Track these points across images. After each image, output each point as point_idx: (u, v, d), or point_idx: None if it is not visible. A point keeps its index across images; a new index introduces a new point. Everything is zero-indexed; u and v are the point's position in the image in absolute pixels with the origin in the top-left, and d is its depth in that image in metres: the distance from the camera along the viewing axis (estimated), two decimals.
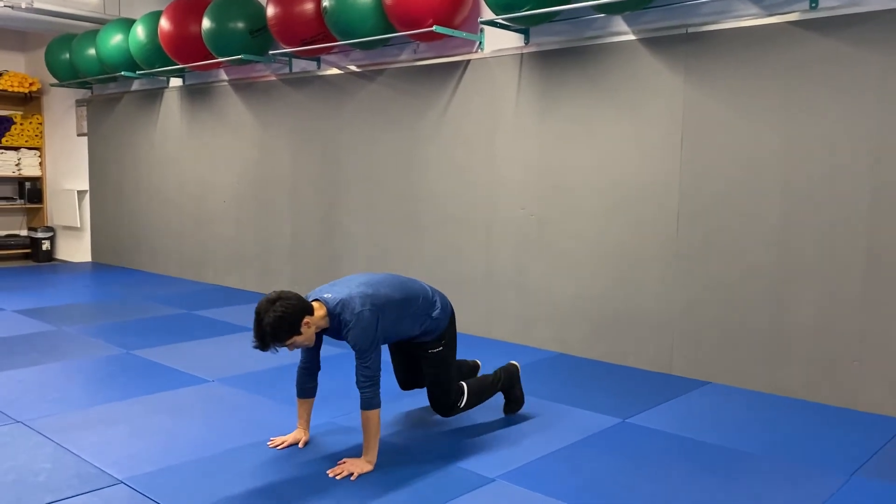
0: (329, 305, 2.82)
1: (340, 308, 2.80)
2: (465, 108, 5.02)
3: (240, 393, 3.75)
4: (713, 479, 2.77)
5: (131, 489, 2.62)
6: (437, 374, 3.13)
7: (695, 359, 4.11)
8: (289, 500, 2.54)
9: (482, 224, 4.98)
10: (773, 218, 3.80)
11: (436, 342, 3.10)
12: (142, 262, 7.96)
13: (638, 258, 4.29)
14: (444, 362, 3.13)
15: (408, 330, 3.02)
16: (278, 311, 2.64)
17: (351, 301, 2.81)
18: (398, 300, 2.94)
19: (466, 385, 3.24)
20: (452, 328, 3.17)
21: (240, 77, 6.59)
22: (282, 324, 2.65)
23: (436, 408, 3.19)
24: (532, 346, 4.78)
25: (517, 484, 2.71)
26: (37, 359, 4.33)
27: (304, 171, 6.13)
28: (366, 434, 2.83)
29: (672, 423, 3.39)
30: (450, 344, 3.15)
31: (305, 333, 2.73)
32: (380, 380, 2.81)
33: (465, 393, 3.21)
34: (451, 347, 3.16)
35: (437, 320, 3.07)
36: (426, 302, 3.05)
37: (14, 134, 8.94)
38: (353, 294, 2.84)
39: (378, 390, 2.80)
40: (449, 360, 3.15)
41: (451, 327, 3.16)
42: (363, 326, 2.77)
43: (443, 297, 3.16)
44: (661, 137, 4.16)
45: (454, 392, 3.16)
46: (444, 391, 3.14)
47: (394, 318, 2.92)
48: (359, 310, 2.79)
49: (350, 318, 2.78)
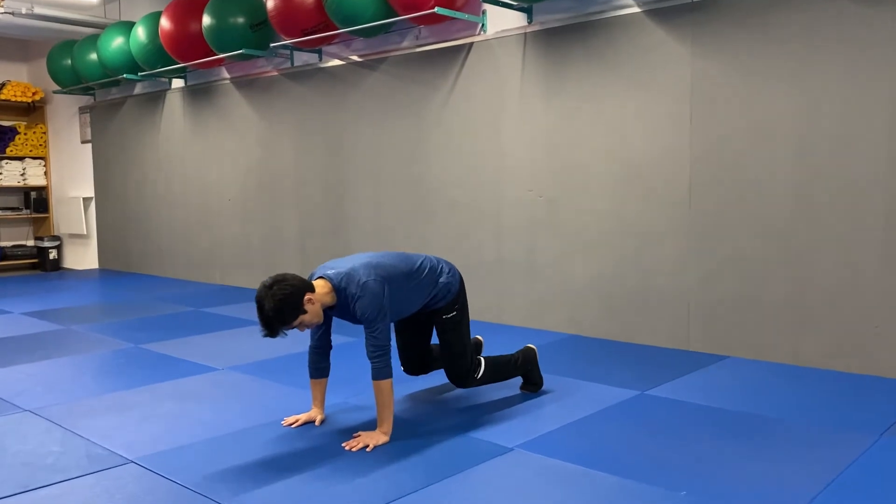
0: (333, 281, 2.76)
1: (346, 282, 2.75)
2: (469, 92, 4.97)
3: (250, 379, 3.69)
4: (737, 444, 2.70)
5: (142, 468, 2.56)
6: (452, 340, 3.06)
7: (712, 333, 4.03)
8: (302, 473, 2.48)
9: (491, 208, 4.92)
10: (789, 186, 3.73)
11: (449, 307, 3.04)
12: (149, 267, 7.92)
13: (650, 234, 4.22)
14: (459, 327, 3.07)
15: (417, 300, 2.96)
16: (278, 295, 2.59)
17: (355, 273, 2.76)
18: (404, 270, 2.89)
19: (484, 359, 3.18)
20: (464, 294, 3.10)
21: (241, 74, 6.56)
22: (284, 306, 2.59)
23: (452, 377, 3.13)
24: (545, 329, 4.71)
25: (536, 452, 2.64)
26: (45, 354, 4.29)
27: (310, 165, 6.08)
28: (379, 405, 2.76)
29: (692, 393, 3.32)
30: (463, 309, 3.09)
31: (311, 311, 2.67)
32: (390, 350, 2.75)
33: (482, 365, 3.15)
34: (464, 313, 3.09)
35: (447, 284, 3.02)
36: (432, 270, 3.00)
37: (18, 144, 8.94)
38: (357, 266, 2.79)
39: (389, 360, 2.74)
40: (464, 326, 3.09)
41: (463, 293, 3.10)
42: (370, 295, 2.71)
43: (450, 265, 3.10)
44: (669, 110, 4.09)
45: (470, 360, 3.10)
46: (461, 357, 3.08)
47: (401, 289, 2.86)
48: (364, 280, 2.73)
49: (356, 290, 2.72)
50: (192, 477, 2.47)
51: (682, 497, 2.26)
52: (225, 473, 2.49)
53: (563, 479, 2.41)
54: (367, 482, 2.39)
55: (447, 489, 2.34)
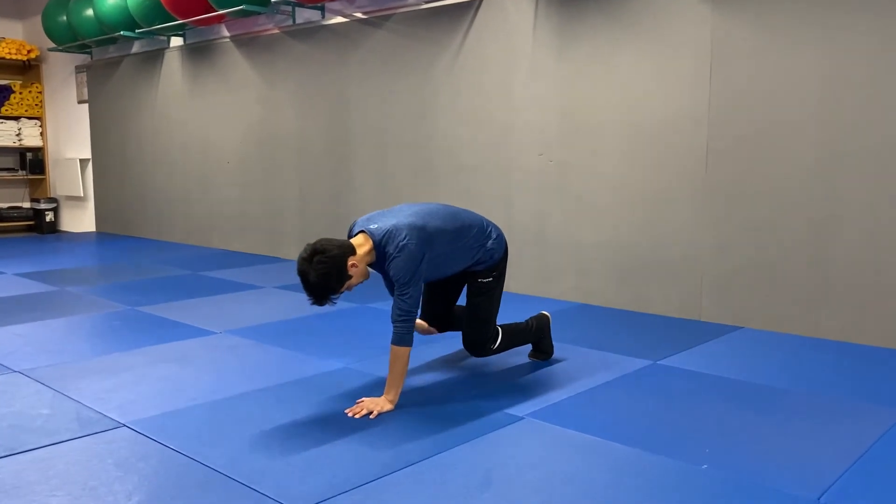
0: (375, 238, 2.64)
1: (387, 239, 2.62)
2: (478, 51, 4.78)
3: (249, 343, 3.57)
4: (758, 417, 2.58)
5: (135, 431, 2.44)
6: (481, 304, 2.92)
7: (726, 303, 3.90)
8: (301, 439, 2.36)
9: (499, 173, 4.76)
10: (811, 152, 3.57)
11: (487, 272, 2.91)
12: (147, 230, 7.78)
13: (664, 200, 4.07)
14: (490, 295, 2.93)
15: (459, 263, 2.84)
16: (320, 269, 2.48)
17: (398, 232, 2.62)
18: (451, 231, 2.75)
19: (501, 330, 3.05)
20: (505, 263, 2.97)
21: (242, 32, 6.35)
22: (329, 278, 2.50)
23: (469, 343, 2.99)
24: (553, 297, 4.58)
25: (547, 421, 2.52)
26: (37, 315, 4.16)
27: (311, 126, 5.91)
28: (391, 371, 2.64)
29: (707, 363, 3.19)
30: (500, 277, 2.95)
31: (356, 273, 2.59)
32: (415, 317, 2.63)
33: (499, 337, 3.02)
34: (500, 281, 2.96)
35: (490, 251, 2.88)
36: (480, 232, 2.86)
37: (13, 103, 8.74)
38: (401, 225, 2.64)
39: (412, 327, 2.61)
40: (495, 295, 2.95)
41: (504, 261, 2.96)
42: (406, 258, 2.58)
43: (498, 230, 2.96)
44: (688, 70, 3.92)
45: (491, 330, 2.97)
46: (483, 325, 2.95)
47: (445, 251, 2.73)
48: (404, 242, 2.59)
49: (393, 250, 2.60)
50: (187, 442, 2.35)
51: (704, 471, 2.14)
52: (220, 439, 2.37)
53: (577, 449, 2.29)
54: (369, 450, 2.27)
55: (455, 458, 2.21)
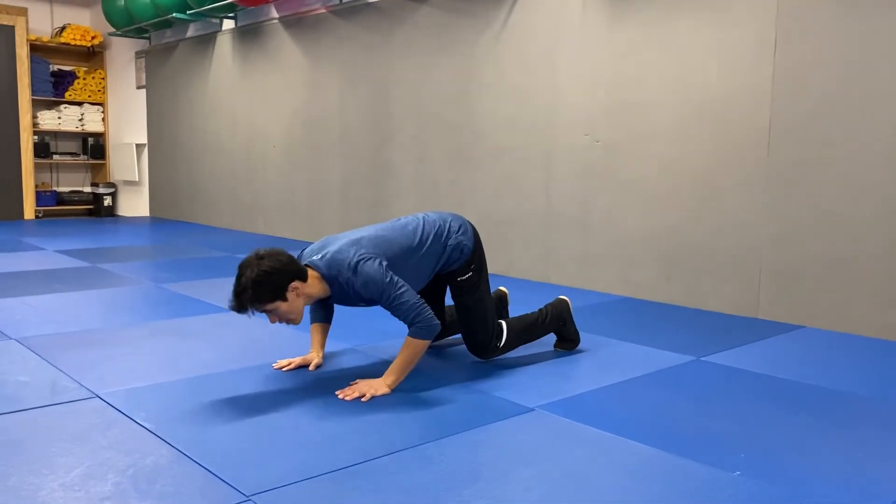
0: (321, 269, 2.36)
1: (336, 269, 2.35)
2: (524, 24, 4.48)
3: (258, 321, 3.36)
4: (809, 421, 2.20)
5: (105, 403, 2.25)
6: (469, 304, 2.63)
7: (787, 300, 3.49)
8: (276, 420, 2.11)
9: (541, 154, 4.45)
10: (887, 131, 3.14)
11: (464, 268, 2.60)
12: (197, 215, 7.75)
13: (720, 184, 3.69)
14: (476, 290, 2.62)
15: (425, 273, 2.54)
16: (264, 267, 2.23)
17: (342, 256, 2.35)
18: (403, 245, 2.46)
19: (506, 324, 2.75)
20: (480, 252, 2.65)
21: (290, 13, 6.22)
22: (265, 283, 2.22)
23: (471, 346, 2.71)
24: (595, 290, 4.23)
25: (559, 414, 2.21)
26: (58, 288, 4.07)
27: (354, 107, 5.71)
28: (400, 356, 2.38)
29: (758, 362, 2.81)
30: (480, 269, 2.64)
31: (292, 302, 2.29)
32: (424, 305, 2.34)
33: (504, 331, 2.72)
34: (481, 273, 2.65)
35: (458, 245, 2.58)
36: (438, 236, 2.55)
37: (77, 89, 8.87)
38: (342, 247, 2.38)
39: (430, 316, 2.33)
40: (482, 288, 2.64)
41: (478, 250, 2.65)
42: (367, 276, 2.30)
43: (459, 220, 2.65)
44: (750, 40, 3.53)
45: (491, 327, 2.67)
46: (480, 324, 2.65)
47: (404, 267, 2.43)
48: (354, 261, 2.32)
49: (349, 275, 2.32)
50: (155, 416, 2.14)
51: (735, 478, 1.79)
52: (193, 414, 2.15)
53: (587, 445, 1.97)
54: (349, 434, 2.01)
55: (444, 448, 1.93)
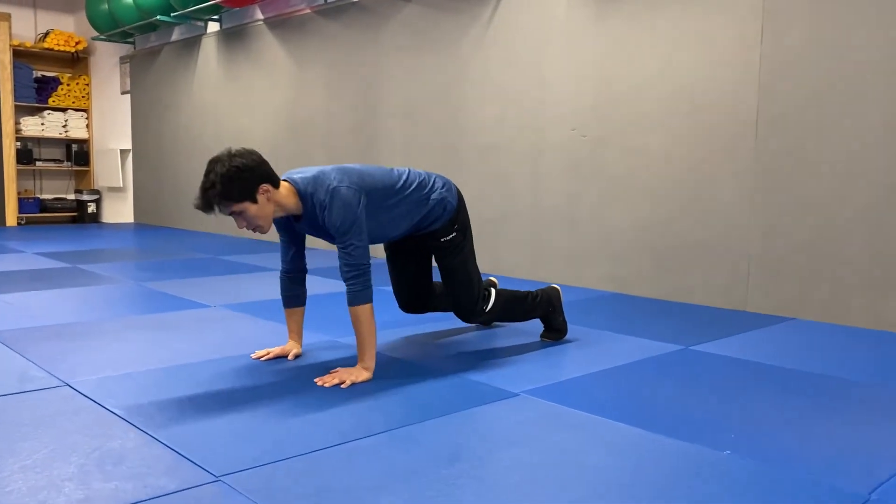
0: (299, 185, 2.30)
1: (313, 187, 2.28)
2: (510, 19, 4.45)
3: (240, 316, 3.29)
4: (800, 404, 2.14)
5: (74, 391, 2.17)
6: (454, 266, 2.58)
7: (776, 292, 3.45)
8: (251, 406, 2.04)
9: (528, 151, 4.41)
10: (876, 121, 3.11)
11: (448, 228, 2.55)
12: (182, 221, 7.66)
13: (707, 177, 3.65)
14: (461, 251, 2.58)
15: (403, 220, 2.47)
16: (235, 163, 2.15)
17: (324, 177, 2.30)
18: (385, 183, 2.41)
19: (495, 290, 2.69)
20: (464, 212, 2.61)
21: (275, 14, 6.17)
22: (235, 178, 2.14)
23: (456, 309, 2.64)
24: (584, 286, 4.18)
25: (544, 398, 2.15)
26: (35, 286, 3.98)
27: (340, 107, 5.66)
28: (358, 337, 2.31)
29: (746, 351, 2.76)
30: (464, 230, 2.59)
31: (261, 205, 2.21)
32: (369, 270, 2.29)
33: (491, 297, 2.66)
34: (466, 234, 2.60)
35: (441, 201, 2.52)
36: (421, 185, 2.50)
37: (60, 95, 8.79)
38: (327, 170, 2.34)
39: (368, 280, 2.28)
40: (466, 250, 2.60)
41: (463, 210, 2.60)
42: (340, 203, 2.24)
43: (444, 179, 2.61)
44: (737, 30, 3.51)
45: (477, 291, 2.61)
46: (466, 286, 2.59)
47: (382, 206, 2.38)
48: (334, 185, 2.27)
49: (324, 196, 2.26)
50: (126, 402, 2.06)
51: (725, 458, 1.73)
52: (165, 401, 2.08)
53: (574, 427, 1.91)
54: (326, 418, 1.94)
55: (425, 430, 1.86)
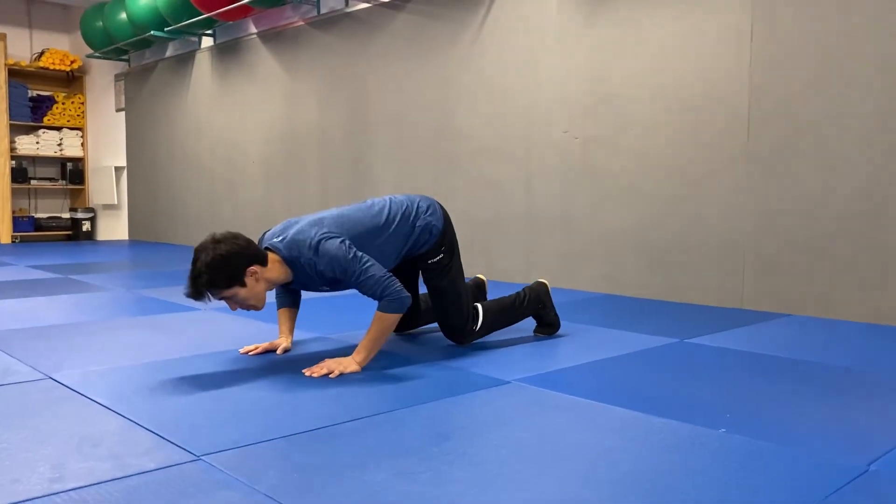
0: (283, 253, 2.27)
1: (296, 250, 2.25)
2: (502, 25, 4.46)
3: (228, 317, 3.26)
4: (795, 388, 2.11)
5: (57, 383, 2.12)
6: (443, 287, 2.53)
7: (772, 288, 3.42)
8: (236, 393, 2.00)
9: (521, 154, 4.40)
10: (869, 113, 3.11)
11: (435, 250, 2.51)
12: (176, 236, 7.64)
13: (700, 173, 3.64)
14: (449, 271, 2.53)
15: (392, 254, 2.44)
16: (220, 251, 2.13)
17: (302, 235, 2.27)
18: (368, 225, 2.37)
19: (482, 306, 2.65)
20: (450, 232, 2.57)
21: (268, 27, 6.20)
22: (222, 267, 2.12)
23: (447, 330, 2.61)
24: (579, 288, 4.15)
25: (537, 385, 2.11)
26: (26, 294, 3.94)
27: (333, 118, 5.66)
28: (369, 332, 2.27)
29: (742, 343, 2.73)
30: (451, 251, 2.55)
31: (251, 288, 2.19)
32: (392, 278, 2.24)
33: (480, 314, 2.62)
34: (453, 255, 2.56)
35: (426, 226, 2.48)
36: (405, 217, 2.46)
37: (56, 113, 8.80)
38: (303, 227, 2.30)
39: (400, 289, 2.23)
40: (454, 269, 2.55)
41: (449, 231, 2.56)
42: (328, 257, 2.21)
43: (428, 200, 2.57)
44: (726, 26, 3.51)
45: (466, 310, 2.57)
46: (454, 307, 2.55)
47: (370, 245, 2.34)
48: (315, 240, 2.23)
49: (311, 256, 2.23)
50: (109, 393, 2.02)
51: (720, 435, 1.70)
52: (149, 391, 2.04)
53: (563, 409, 1.87)
54: (316, 403, 1.90)
55: (414, 414, 1.82)
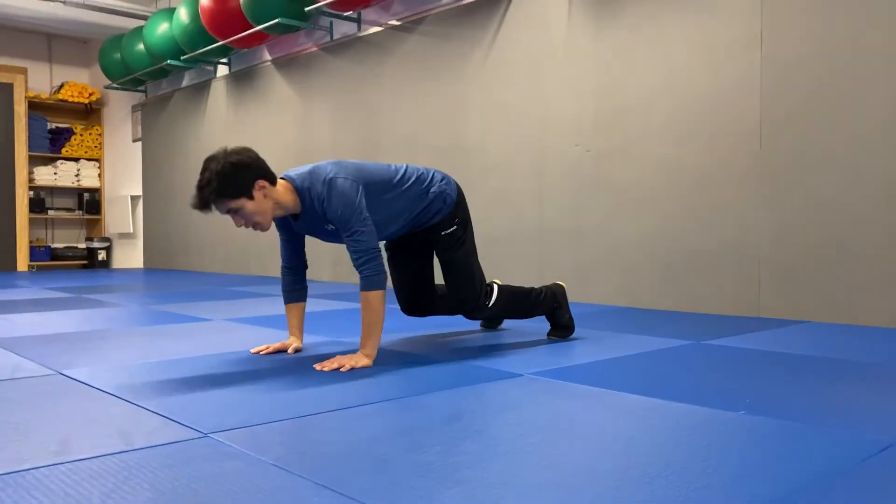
0: (296, 182, 2.28)
1: (309, 181, 2.26)
2: (512, 40, 4.50)
3: (240, 326, 3.24)
4: (814, 379, 2.06)
5: (66, 377, 2.12)
6: (455, 260, 2.52)
7: (789, 296, 3.37)
8: (244, 383, 1.98)
9: (533, 168, 4.40)
10: (883, 119, 3.09)
11: (448, 221, 2.51)
12: (191, 264, 7.67)
13: (714, 182, 3.61)
14: (462, 244, 2.53)
15: (403, 215, 2.44)
16: (231, 159, 2.14)
17: (320, 170, 2.28)
18: (383, 177, 2.38)
19: (498, 286, 2.63)
20: (464, 205, 2.57)
21: (282, 54, 6.29)
22: (232, 175, 2.12)
23: (457, 303, 2.57)
24: (593, 302, 4.11)
25: (551, 378, 2.08)
26: (41, 309, 3.95)
27: (346, 140, 5.71)
28: (364, 320, 2.25)
29: (759, 344, 2.68)
30: (465, 224, 2.55)
31: (258, 203, 2.18)
32: (380, 255, 2.25)
33: (494, 292, 2.60)
34: (466, 229, 2.55)
35: (440, 194, 2.49)
36: (420, 179, 2.47)
37: (74, 145, 8.94)
38: (323, 164, 2.33)
39: (380, 266, 2.23)
40: (467, 244, 2.55)
41: (463, 203, 2.57)
42: (339, 193, 2.22)
43: (443, 173, 2.58)
44: (737, 34, 3.52)
45: (480, 284, 2.55)
46: (467, 279, 2.53)
47: (381, 200, 2.35)
48: (331, 176, 2.25)
49: (322, 189, 2.23)
50: (117, 385, 2.01)
51: (739, 417, 1.65)
52: (157, 382, 2.02)
53: (577, 396, 1.83)
54: (327, 390, 1.88)
55: (425, 400, 1.79)
